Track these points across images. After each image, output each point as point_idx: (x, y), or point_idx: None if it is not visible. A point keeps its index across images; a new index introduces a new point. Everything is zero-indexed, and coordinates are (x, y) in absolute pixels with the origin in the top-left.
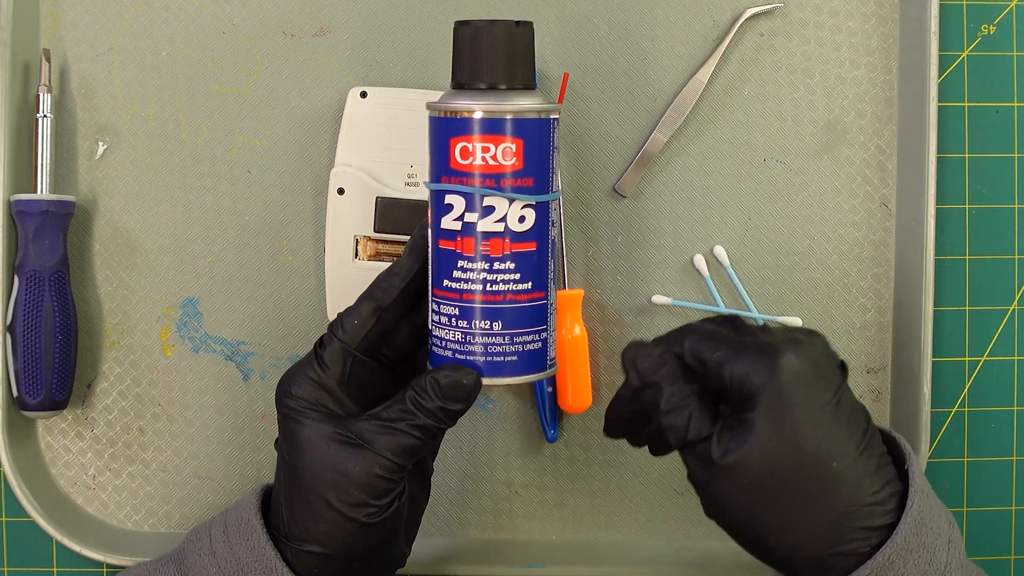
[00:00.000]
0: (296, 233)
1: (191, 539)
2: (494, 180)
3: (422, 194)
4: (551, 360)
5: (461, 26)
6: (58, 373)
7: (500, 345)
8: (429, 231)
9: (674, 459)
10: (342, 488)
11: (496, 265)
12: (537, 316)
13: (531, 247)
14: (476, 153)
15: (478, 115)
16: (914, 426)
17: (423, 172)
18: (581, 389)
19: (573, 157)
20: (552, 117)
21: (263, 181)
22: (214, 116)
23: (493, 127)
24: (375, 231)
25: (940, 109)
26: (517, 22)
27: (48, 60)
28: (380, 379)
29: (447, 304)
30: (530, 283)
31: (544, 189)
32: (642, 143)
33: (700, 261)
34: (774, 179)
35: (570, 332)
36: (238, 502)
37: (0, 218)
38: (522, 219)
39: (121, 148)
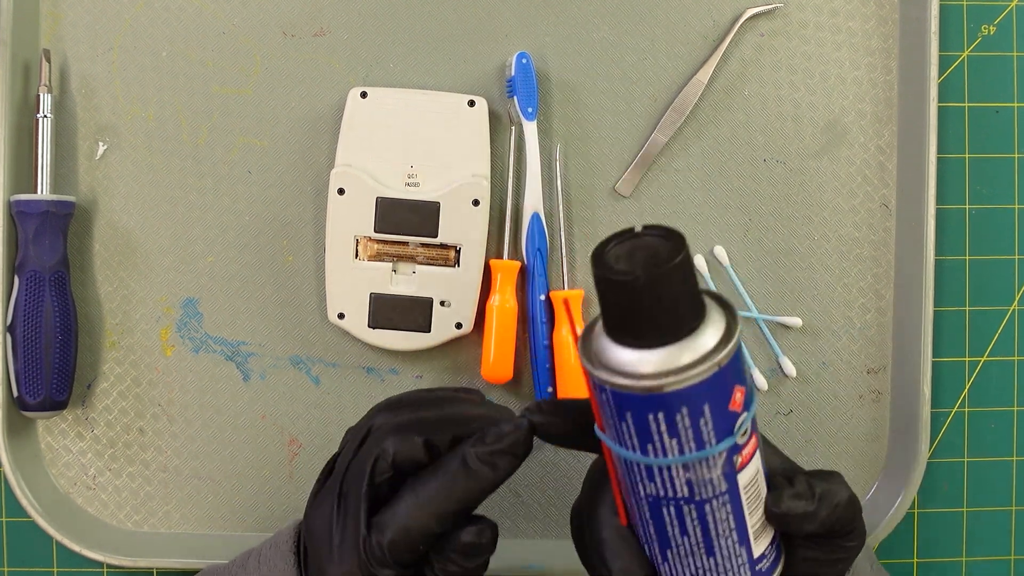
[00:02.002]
0: (296, 233)
1: None
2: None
3: (422, 194)
4: None
5: (609, 283)
6: (58, 373)
7: None
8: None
9: None
10: None
11: None
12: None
13: None
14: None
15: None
16: (914, 426)
17: (423, 172)
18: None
19: (573, 157)
20: (732, 359)
21: (263, 181)
22: (214, 116)
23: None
24: (375, 231)
25: (940, 109)
26: (670, 263)
27: (48, 60)
28: None
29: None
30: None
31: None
32: (642, 143)
33: (700, 261)
34: (774, 179)
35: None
36: (273, 553)
37: (0, 218)
38: None
39: (121, 148)
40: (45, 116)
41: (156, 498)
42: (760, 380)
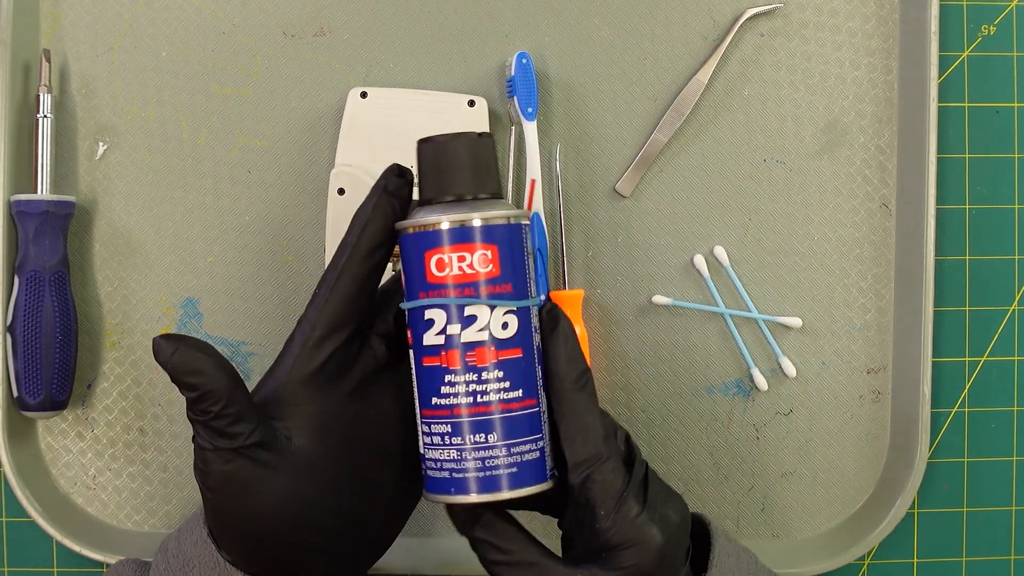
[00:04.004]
0: (296, 233)
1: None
2: (472, 288)
3: None
4: (551, 470)
5: (423, 143)
6: (58, 373)
7: (497, 458)
8: (411, 352)
9: (674, 458)
10: None
11: (484, 375)
12: (532, 424)
13: (517, 353)
14: (452, 263)
15: (447, 225)
16: (914, 426)
17: None
18: None
19: (573, 157)
20: (522, 223)
21: (263, 181)
22: (214, 116)
23: (465, 236)
24: None
25: (940, 109)
26: (479, 133)
27: (48, 60)
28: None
29: (438, 423)
30: (520, 390)
31: (523, 295)
32: (642, 143)
33: (700, 261)
34: (774, 179)
35: None
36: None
37: (0, 218)
38: (505, 325)
39: (121, 148)
40: (45, 116)
41: (156, 498)
42: (760, 380)
